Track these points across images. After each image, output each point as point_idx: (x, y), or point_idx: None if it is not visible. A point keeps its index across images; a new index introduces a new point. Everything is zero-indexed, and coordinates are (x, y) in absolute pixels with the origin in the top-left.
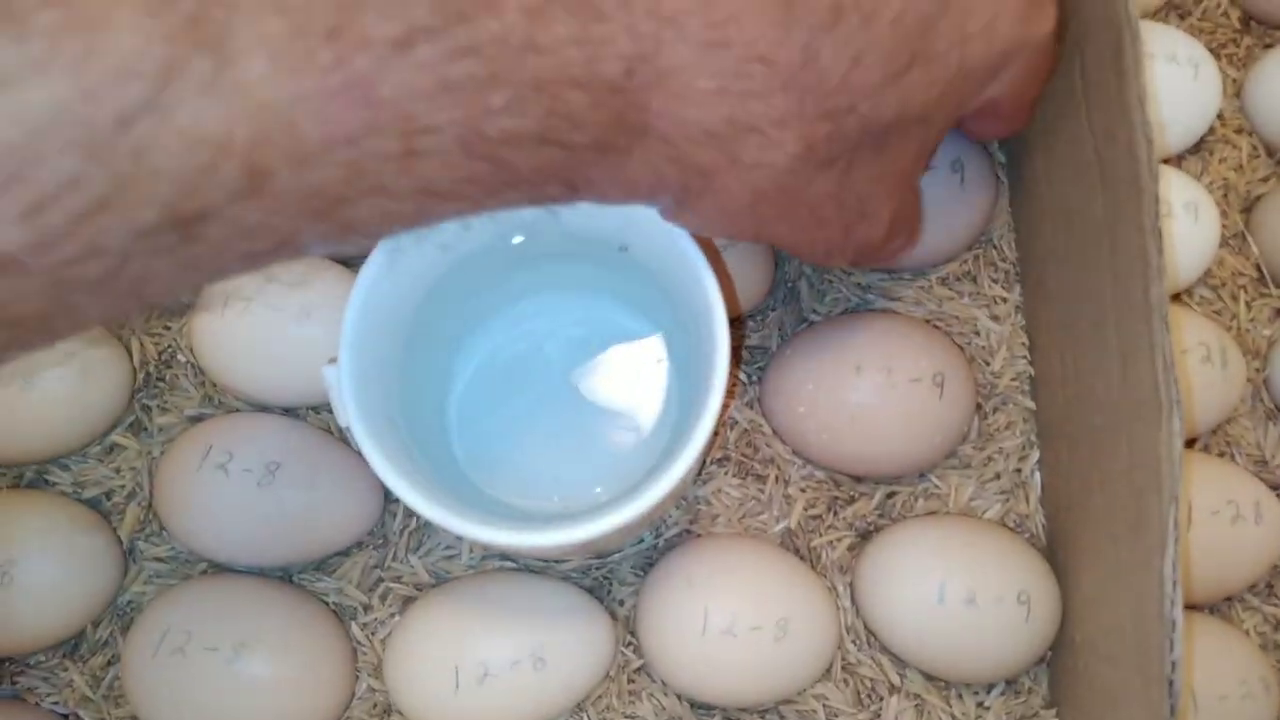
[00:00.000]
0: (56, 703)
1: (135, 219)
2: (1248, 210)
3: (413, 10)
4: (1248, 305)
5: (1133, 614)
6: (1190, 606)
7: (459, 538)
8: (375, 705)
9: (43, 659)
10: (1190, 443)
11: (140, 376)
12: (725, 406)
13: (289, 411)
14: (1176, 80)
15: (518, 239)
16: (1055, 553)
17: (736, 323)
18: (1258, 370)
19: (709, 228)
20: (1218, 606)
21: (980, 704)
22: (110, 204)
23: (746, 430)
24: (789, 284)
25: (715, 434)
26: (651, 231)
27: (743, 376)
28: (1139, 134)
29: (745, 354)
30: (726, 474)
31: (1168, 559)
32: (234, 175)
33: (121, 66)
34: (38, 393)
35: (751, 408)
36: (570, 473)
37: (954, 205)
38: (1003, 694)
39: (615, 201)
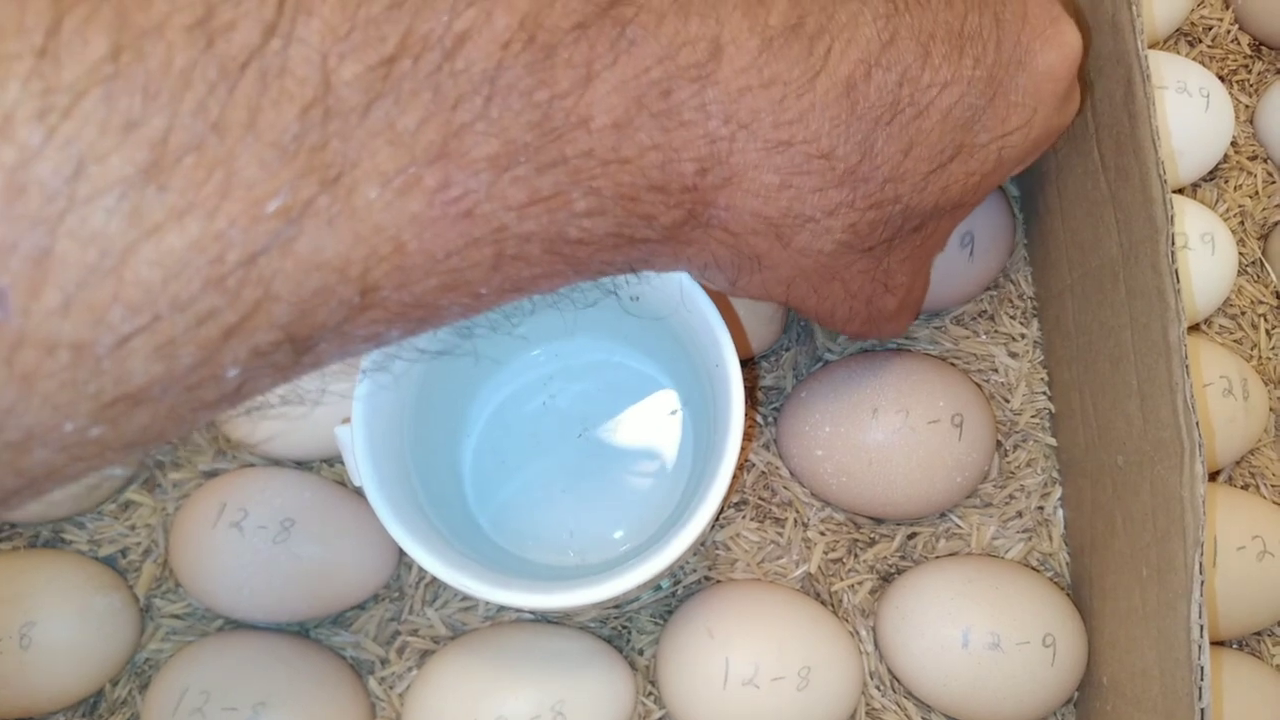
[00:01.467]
0: None
1: (255, 342)
2: (1264, 237)
3: (511, 129)
4: (1268, 333)
5: (1159, 658)
6: (1218, 643)
7: None
8: None
9: (61, 719)
10: (1214, 476)
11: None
12: (742, 450)
13: (302, 465)
14: (1189, 110)
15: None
16: (1080, 591)
17: (750, 364)
18: (1279, 400)
19: (743, 293)
20: (1246, 641)
21: None
22: (235, 332)
23: (764, 473)
24: (802, 323)
25: (733, 478)
26: (662, 282)
27: (758, 418)
28: (1153, 173)
29: (760, 394)
30: (744, 518)
31: (1193, 604)
32: (347, 296)
33: (251, 207)
34: None
35: (768, 449)
36: (587, 523)
37: (969, 257)
38: None
39: (664, 270)
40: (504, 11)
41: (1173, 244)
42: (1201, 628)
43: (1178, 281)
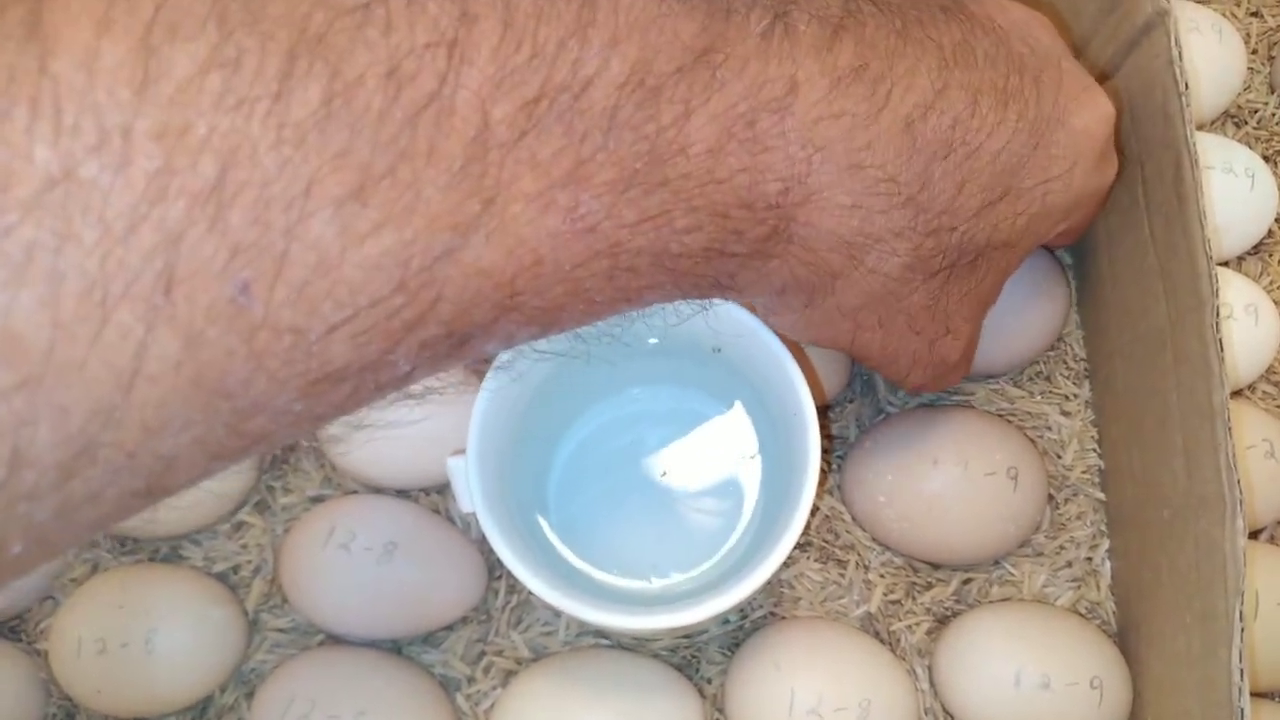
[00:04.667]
0: None
1: (425, 335)
2: None
3: (625, 158)
4: None
5: (1201, 702)
6: (1260, 694)
7: (557, 615)
8: None
9: None
10: (1255, 534)
11: (265, 460)
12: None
13: (401, 493)
14: (1234, 189)
15: (652, 340)
16: (1126, 639)
17: (821, 413)
18: None
19: (811, 331)
20: None
21: None
22: (412, 326)
23: (827, 517)
24: (865, 377)
25: None
26: (741, 334)
27: (824, 465)
28: (1200, 249)
29: (826, 444)
30: (809, 559)
31: (1234, 650)
32: (498, 299)
33: (431, 223)
34: None
35: (832, 495)
36: (666, 556)
37: (1029, 315)
38: None
39: (745, 296)
40: (619, 60)
41: (1217, 315)
42: (1242, 672)
43: (1221, 350)
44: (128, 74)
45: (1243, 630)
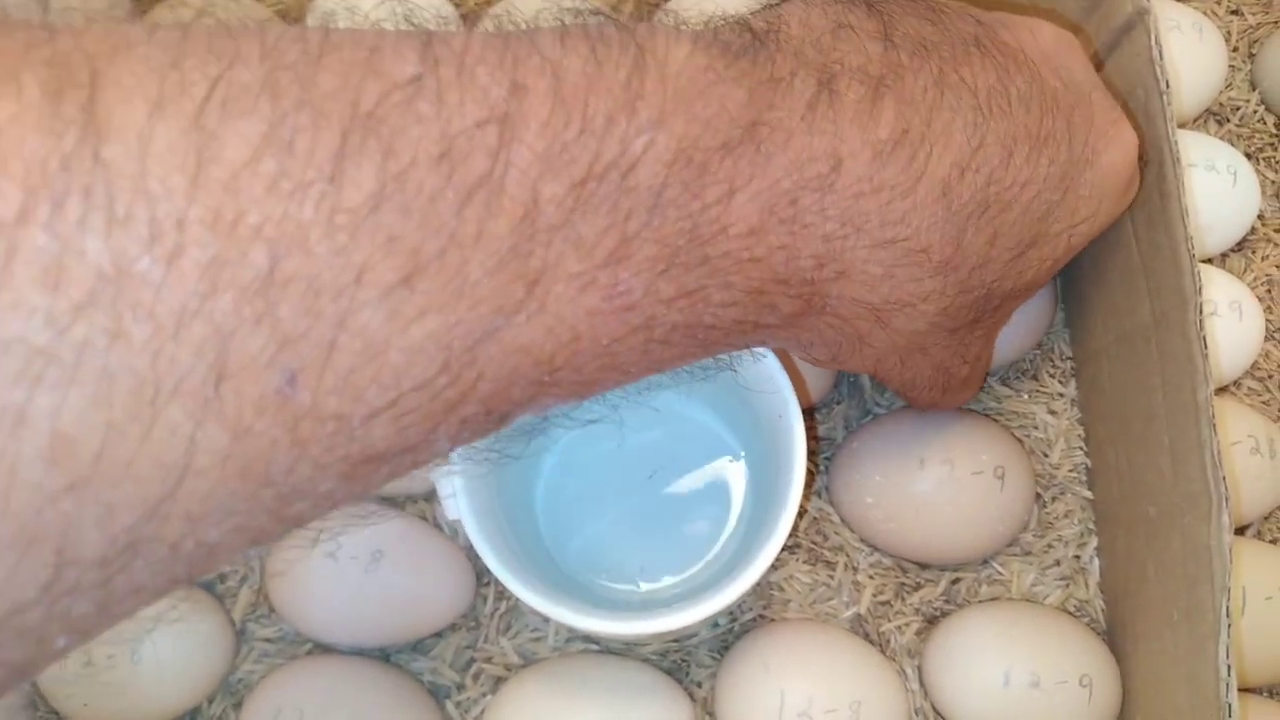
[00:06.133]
0: None
1: (464, 414)
2: None
3: (668, 236)
4: None
5: (1189, 697)
6: (1248, 689)
7: (546, 620)
8: None
9: None
10: (1242, 530)
11: None
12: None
13: (388, 501)
14: (1217, 187)
15: None
16: (1115, 636)
17: (807, 415)
18: None
19: (827, 362)
20: (1276, 690)
21: None
22: (452, 407)
23: (816, 519)
24: (851, 379)
25: None
26: None
27: (811, 467)
28: (1182, 247)
29: (813, 445)
30: (798, 560)
31: (1221, 646)
32: (537, 379)
33: (476, 305)
34: None
35: (820, 496)
36: (654, 560)
37: (1016, 314)
38: None
39: (773, 347)
40: (666, 136)
41: (1200, 312)
42: (1229, 668)
43: (1205, 347)
44: (180, 159)
45: (1229, 626)
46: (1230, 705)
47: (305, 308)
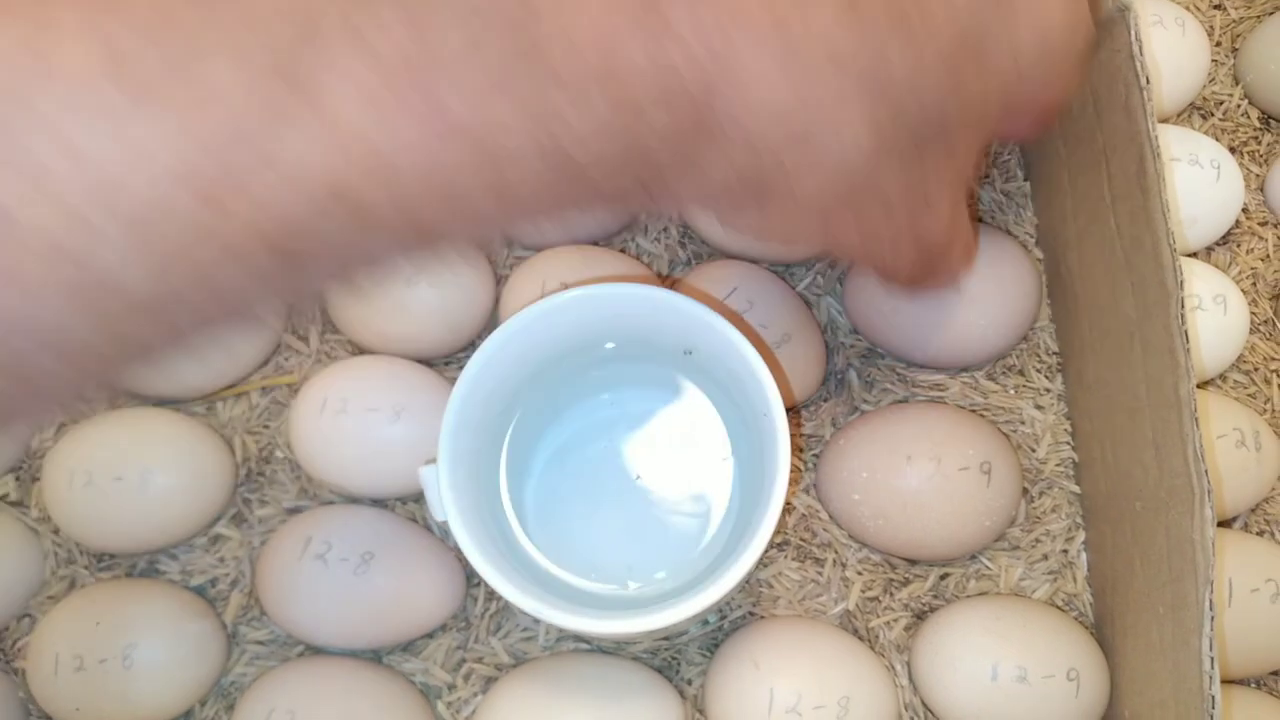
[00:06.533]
0: None
1: (245, 256)
2: (1277, 297)
3: (490, 42)
4: None
5: (1175, 690)
6: (1236, 681)
7: (536, 621)
8: None
9: None
10: (1229, 522)
11: (242, 472)
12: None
13: (378, 503)
14: (1200, 181)
15: (609, 345)
16: (1103, 630)
17: (792, 413)
18: None
19: (779, 230)
20: (1263, 680)
21: None
22: (217, 236)
23: (804, 515)
24: (839, 375)
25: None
26: (712, 337)
27: (799, 463)
28: (1164, 242)
29: (801, 441)
30: (786, 558)
31: (1204, 639)
32: (335, 209)
33: (227, 120)
34: (149, 492)
35: (808, 493)
36: (642, 559)
37: (1001, 308)
38: None
39: (686, 206)
40: None
41: (1182, 306)
42: (1212, 660)
43: (1187, 341)
44: None
45: (1213, 619)
46: (1214, 697)
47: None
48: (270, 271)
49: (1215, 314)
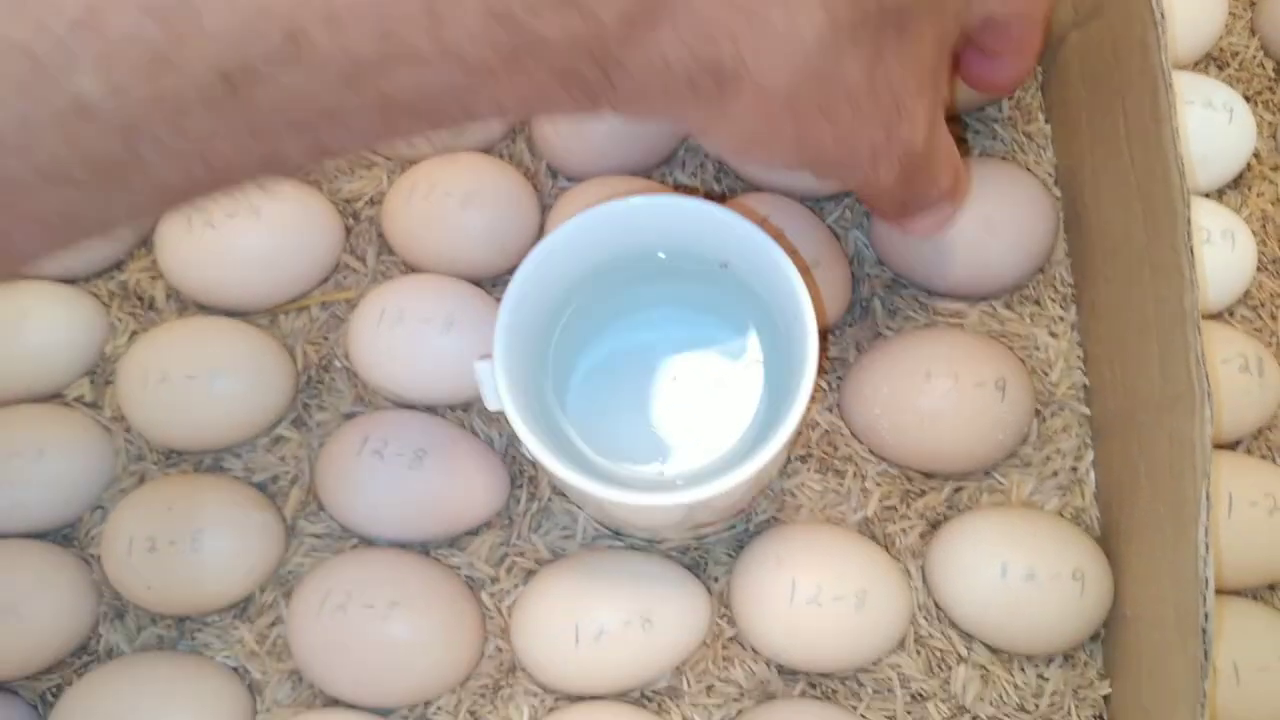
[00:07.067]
0: (228, 657)
1: (192, 76)
2: None
3: None
4: None
5: (1173, 581)
6: (1232, 592)
7: (574, 520)
8: (501, 664)
9: (216, 619)
10: (1233, 445)
11: (302, 379)
12: (810, 408)
13: (429, 410)
14: (1213, 123)
15: (660, 255)
16: (1109, 541)
17: (821, 336)
18: None
19: (750, 139)
20: (1260, 593)
21: (1040, 675)
22: (169, 59)
23: (827, 432)
24: (864, 303)
25: (799, 433)
26: (748, 247)
27: (824, 384)
28: (1173, 166)
29: (826, 364)
30: (809, 470)
31: (1200, 526)
32: (275, 38)
33: None
34: (216, 393)
35: (831, 412)
36: (674, 450)
37: (1019, 239)
38: (1061, 666)
39: (653, 101)
40: None
41: (1189, 225)
42: (1207, 545)
43: (1192, 256)
44: None
45: (1209, 509)
46: (1207, 579)
47: None
48: (223, 103)
49: (1224, 248)
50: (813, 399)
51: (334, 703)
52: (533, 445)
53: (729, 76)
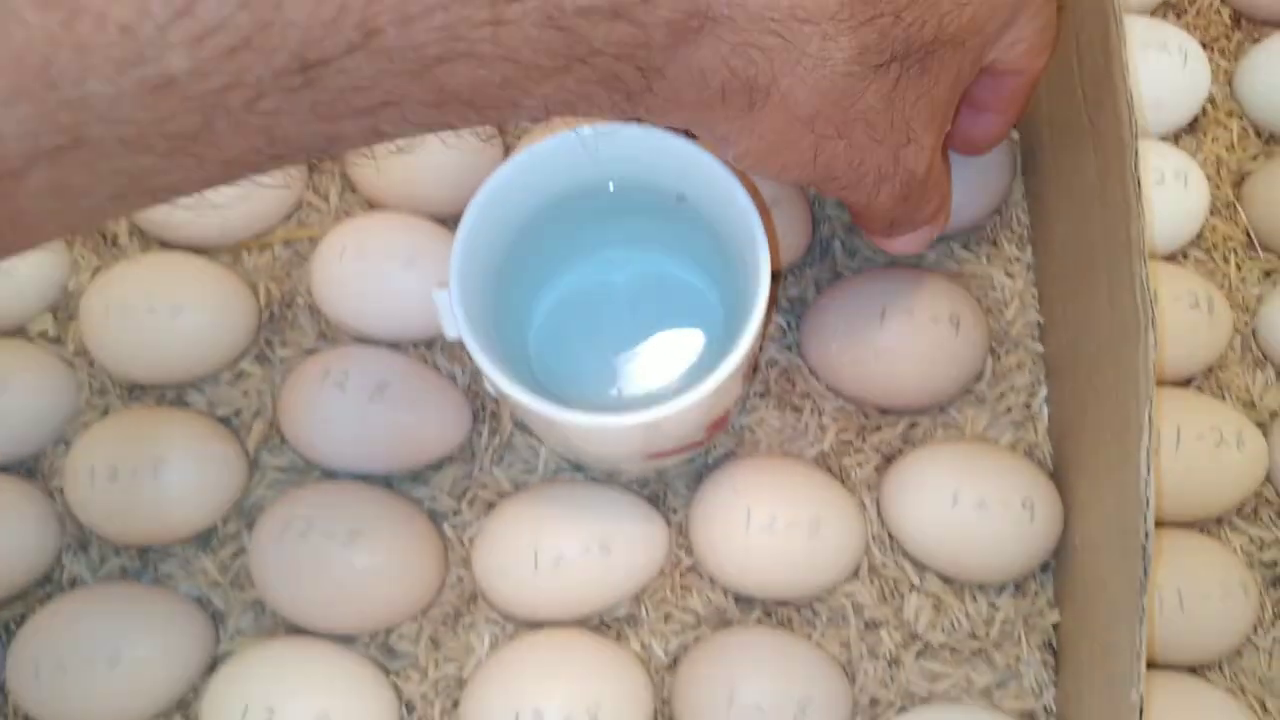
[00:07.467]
0: (191, 588)
1: (270, 59)
2: (1238, 185)
3: None
4: (1238, 266)
5: (1117, 504)
6: (1181, 524)
7: (536, 454)
8: (462, 593)
9: (179, 550)
10: (1186, 383)
11: (265, 315)
12: (768, 346)
13: (393, 346)
14: (1167, 66)
15: (609, 186)
16: (1060, 475)
17: (777, 276)
18: (1246, 323)
19: (768, 151)
20: (1207, 527)
21: (991, 604)
22: (252, 44)
23: (786, 369)
24: (824, 243)
25: (758, 369)
26: (703, 176)
27: (783, 323)
28: (1122, 100)
29: (785, 304)
30: (768, 406)
31: (1143, 449)
32: (350, 31)
33: None
34: (178, 328)
35: (790, 350)
36: (633, 377)
37: (975, 179)
38: (1012, 596)
39: (685, 108)
40: None
41: (1137, 156)
42: (1149, 468)
43: (1139, 187)
44: None
45: (1151, 432)
46: (1148, 500)
47: None
48: (296, 86)
49: (1176, 188)
50: (771, 338)
51: (297, 631)
52: (488, 368)
53: (759, 91)
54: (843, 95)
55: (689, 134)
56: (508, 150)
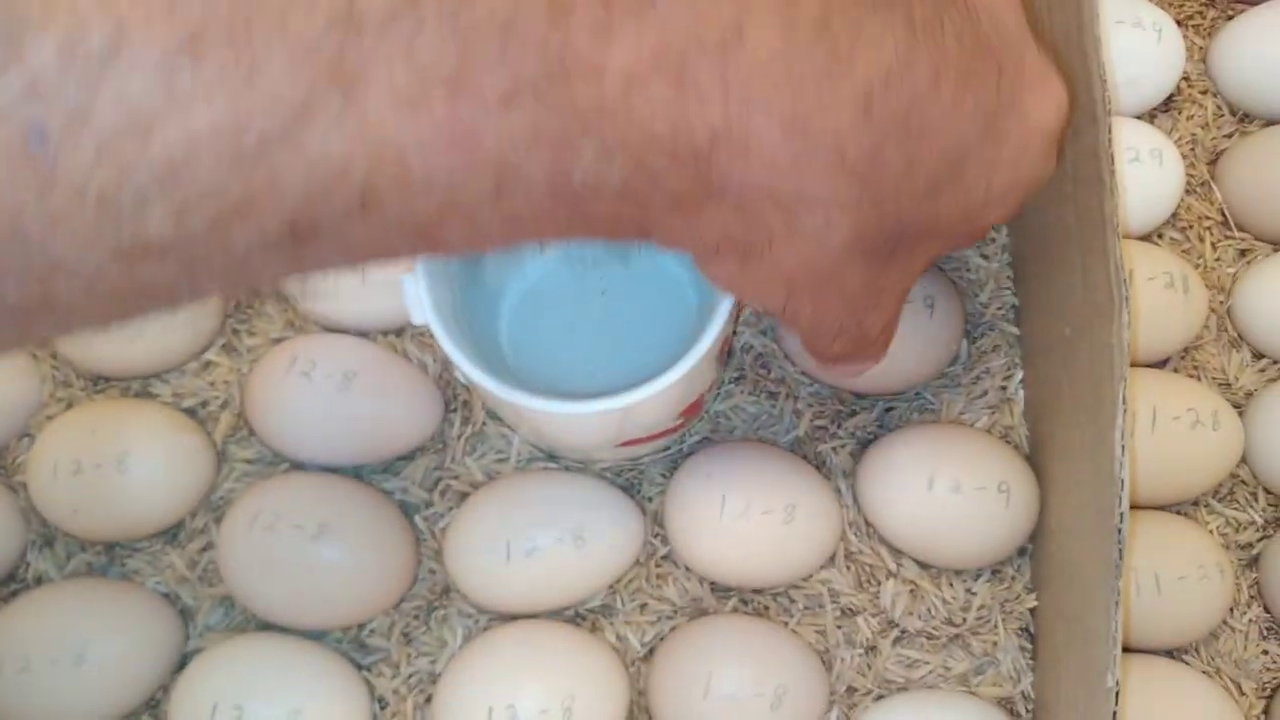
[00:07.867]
0: (159, 583)
1: (260, 226)
2: (1213, 163)
3: (522, 67)
4: (1213, 246)
5: (1092, 485)
6: (1157, 506)
7: (509, 443)
8: (435, 586)
9: (146, 545)
10: (1161, 364)
11: (231, 304)
12: (743, 332)
13: (361, 335)
14: (1142, 42)
15: None
16: (1036, 458)
17: None
18: (1221, 302)
19: (744, 290)
20: (1184, 509)
21: (968, 590)
22: (242, 212)
23: (761, 354)
24: None
25: (731, 354)
26: None
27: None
28: (1094, 74)
29: None
30: (743, 392)
31: (1117, 429)
32: (348, 199)
33: (271, 100)
34: None
35: (765, 335)
36: (605, 361)
37: None
38: (988, 581)
39: (682, 250)
40: None
41: (1110, 132)
42: (1123, 447)
43: (1112, 163)
44: None
45: (1125, 411)
46: (1123, 480)
47: (58, 65)
48: (285, 249)
49: (1151, 166)
50: (746, 323)
51: (267, 627)
52: (455, 355)
53: (753, 255)
54: (829, 273)
55: None
56: None
